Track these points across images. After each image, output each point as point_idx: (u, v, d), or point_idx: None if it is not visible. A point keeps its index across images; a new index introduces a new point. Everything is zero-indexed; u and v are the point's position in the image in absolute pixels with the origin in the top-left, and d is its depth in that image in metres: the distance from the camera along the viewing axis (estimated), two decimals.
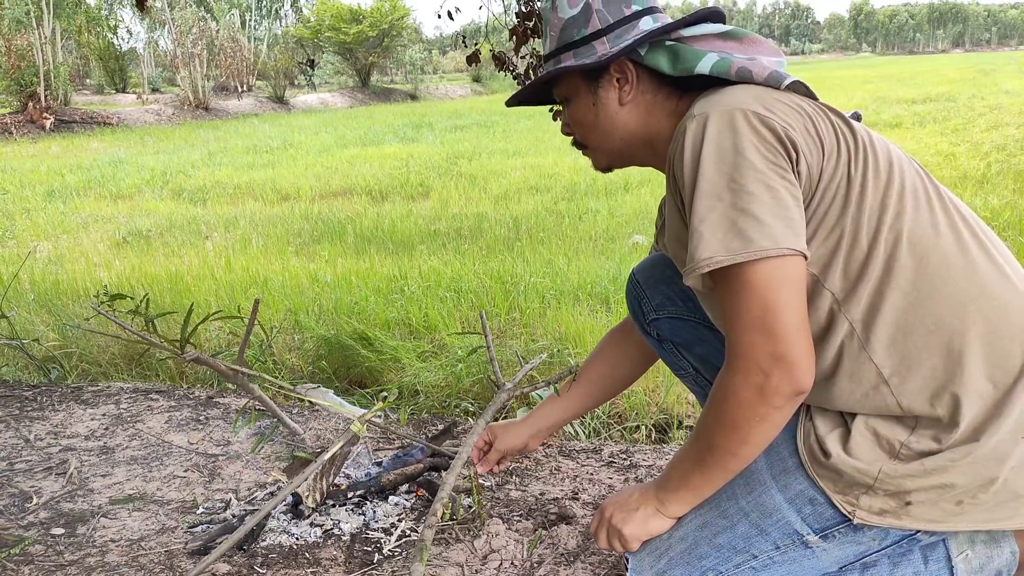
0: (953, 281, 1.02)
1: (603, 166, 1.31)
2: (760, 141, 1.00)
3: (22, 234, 6.14)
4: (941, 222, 1.05)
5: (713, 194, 0.99)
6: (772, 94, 1.07)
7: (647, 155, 1.25)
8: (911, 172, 1.09)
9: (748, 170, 0.99)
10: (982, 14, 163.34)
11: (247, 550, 1.70)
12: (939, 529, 1.01)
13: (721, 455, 1.06)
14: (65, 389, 2.80)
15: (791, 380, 0.97)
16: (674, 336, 1.49)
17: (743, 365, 0.98)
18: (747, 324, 0.98)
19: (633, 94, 1.19)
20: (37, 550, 1.74)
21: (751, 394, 0.98)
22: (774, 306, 0.96)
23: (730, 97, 1.05)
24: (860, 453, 1.02)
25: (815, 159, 1.03)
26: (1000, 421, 0.98)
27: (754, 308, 0.97)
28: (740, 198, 0.98)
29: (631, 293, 1.54)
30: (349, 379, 2.91)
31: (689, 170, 1.03)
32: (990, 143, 8.19)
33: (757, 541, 1.10)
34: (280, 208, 7.20)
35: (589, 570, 1.60)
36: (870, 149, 1.06)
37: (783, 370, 0.96)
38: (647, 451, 2.18)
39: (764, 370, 0.97)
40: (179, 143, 13.86)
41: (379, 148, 11.68)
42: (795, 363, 0.96)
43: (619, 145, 1.24)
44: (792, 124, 1.02)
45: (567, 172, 8.15)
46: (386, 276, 3.98)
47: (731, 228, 0.98)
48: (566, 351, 2.84)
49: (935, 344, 1.01)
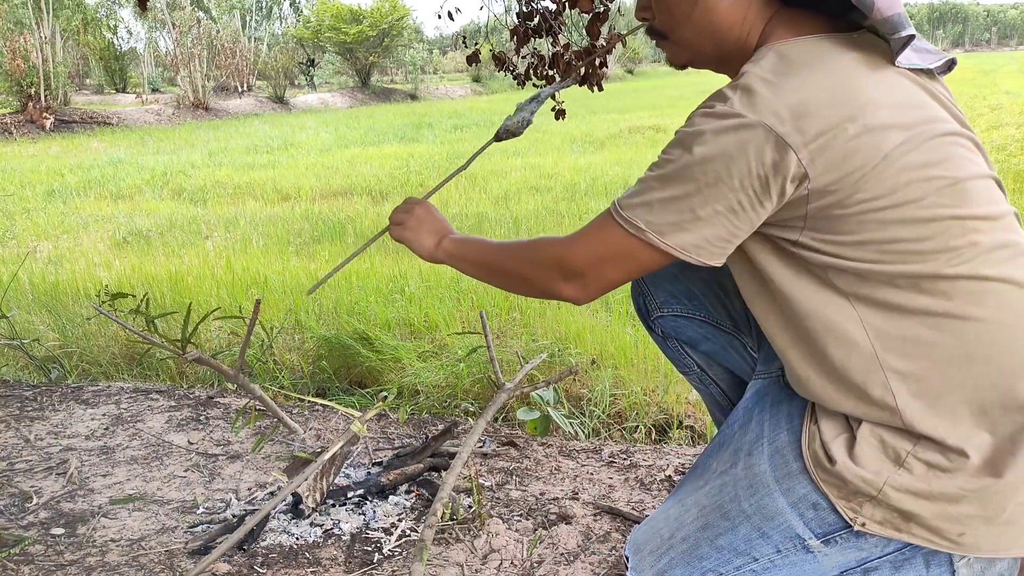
0: (983, 308, 0.98)
1: (683, 62, 1.19)
2: (765, 176, 0.95)
3: (22, 234, 6.14)
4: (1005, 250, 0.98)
5: (689, 178, 0.97)
6: (847, 85, 0.95)
7: (728, 65, 1.15)
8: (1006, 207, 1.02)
9: (728, 192, 0.96)
10: (982, 14, 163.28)
11: (247, 550, 1.70)
12: (939, 549, 1.00)
13: (496, 273, 1.28)
14: (65, 389, 2.80)
15: (566, 294, 1.15)
16: (678, 334, 1.48)
17: (570, 257, 1.13)
18: (593, 247, 1.10)
19: None
20: (37, 550, 1.74)
21: (547, 272, 1.15)
22: (612, 262, 1.08)
23: (782, 94, 0.94)
24: (865, 461, 1.01)
25: (871, 183, 0.94)
26: (1017, 456, 0.96)
27: (602, 250, 1.08)
28: (703, 205, 0.98)
29: (636, 290, 1.52)
30: (349, 379, 2.91)
31: (684, 138, 0.98)
32: (990, 143, 8.18)
33: (759, 544, 1.09)
34: (280, 208, 7.19)
35: (589, 570, 1.59)
36: (946, 186, 0.97)
37: (576, 290, 1.14)
38: (647, 451, 2.18)
39: (566, 276, 1.13)
40: (179, 143, 13.84)
41: (379, 148, 11.68)
42: (587, 294, 1.14)
43: (708, 43, 1.12)
44: (814, 155, 0.93)
45: (567, 172, 8.15)
46: (386, 276, 3.98)
47: (672, 212, 1.00)
48: (566, 351, 2.84)
49: (950, 365, 0.98)
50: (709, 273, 1.42)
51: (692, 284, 1.44)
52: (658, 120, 13.17)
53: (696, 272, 1.44)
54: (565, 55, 3.43)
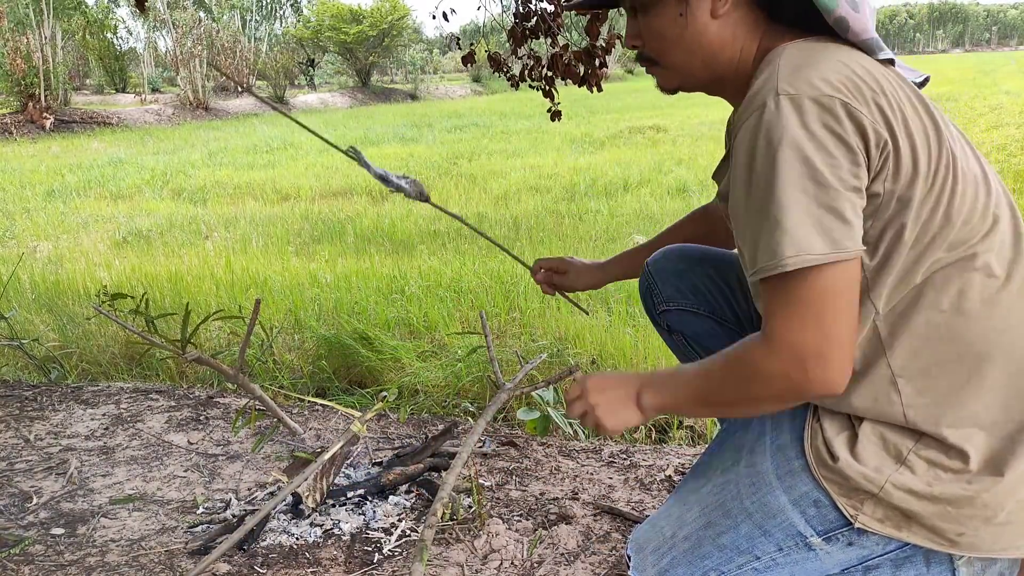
0: (995, 307, 0.98)
1: (673, 86, 1.20)
2: (846, 134, 0.94)
3: (22, 234, 6.14)
4: (1007, 250, 0.99)
5: (797, 185, 0.93)
6: (861, 73, 0.97)
7: (720, 85, 1.16)
8: (983, 192, 1.02)
9: (833, 164, 0.93)
10: (982, 14, 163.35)
11: (247, 550, 1.70)
12: (938, 550, 1.01)
13: (722, 407, 1.07)
14: (65, 389, 2.80)
15: (825, 383, 0.94)
16: (684, 328, 1.50)
17: (786, 353, 0.95)
18: (803, 314, 0.93)
19: (728, 7, 1.08)
20: (37, 550, 1.74)
21: (781, 382, 0.96)
22: (835, 308, 0.93)
23: (817, 76, 0.95)
24: (867, 458, 1.01)
25: (905, 165, 0.96)
26: (1018, 456, 0.97)
27: (815, 303, 0.93)
28: (826, 193, 0.93)
29: (643, 284, 1.55)
30: (349, 379, 2.91)
31: (764, 153, 0.95)
32: (990, 143, 8.18)
33: (760, 542, 1.09)
34: (280, 208, 7.20)
35: (589, 570, 1.59)
36: (950, 162, 0.99)
37: (822, 372, 0.93)
38: (647, 451, 2.18)
39: (804, 365, 0.94)
40: (179, 143, 13.85)
41: (379, 148, 11.68)
42: (836, 369, 0.94)
43: (699, 66, 1.13)
44: (877, 119, 0.95)
45: (567, 172, 8.15)
46: (386, 276, 3.98)
47: (817, 225, 0.92)
48: (566, 351, 2.84)
49: (957, 364, 0.99)
50: (715, 270, 1.45)
51: (698, 280, 1.46)
52: (658, 120, 13.17)
53: (702, 269, 1.47)
54: (564, 56, 3.44)
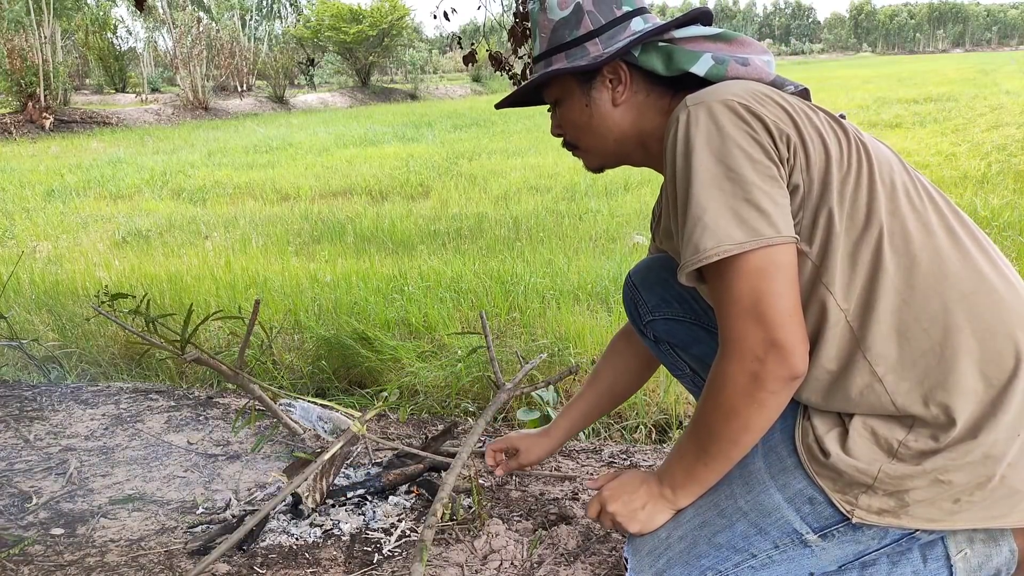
0: (947, 278, 1.02)
1: (595, 166, 1.32)
2: (753, 131, 1.02)
3: (21, 234, 6.14)
4: (933, 220, 1.06)
5: (713, 183, 1.00)
6: (763, 88, 1.09)
7: (640, 155, 1.26)
8: (900, 171, 1.10)
9: (744, 159, 1.00)
10: (982, 14, 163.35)
11: (247, 550, 1.70)
12: (937, 528, 1.01)
13: (723, 444, 1.07)
14: (65, 389, 2.80)
15: (786, 365, 0.98)
16: (670, 337, 1.50)
17: (738, 353, 1.00)
18: (740, 311, 0.99)
19: (627, 95, 1.21)
20: (37, 550, 1.74)
21: (747, 381, 0.99)
22: (768, 293, 0.98)
23: (723, 89, 1.07)
24: (859, 452, 1.02)
25: (815, 153, 1.04)
26: (997, 419, 0.98)
27: (747, 296, 0.99)
28: (740, 187, 0.99)
29: (627, 296, 1.55)
30: (349, 379, 2.91)
31: (682, 160, 1.04)
32: (990, 143, 8.18)
33: (756, 540, 1.10)
34: (280, 208, 7.19)
35: (589, 570, 1.60)
36: (861, 148, 1.08)
37: (777, 356, 0.98)
38: (647, 451, 2.18)
39: (759, 357, 0.98)
40: (179, 143, 13.85)
41: (379, 148, 11.68)
42: (789, 349, 0.98)
43: (612, 146, 1.25)
44: (781, 117, 1.04)
45: (567, 172, 8.14)
46: (386, 276, 3.98)
47: (735, 217, 0.99)
48: (566, 351, 2.84)
49: (928, 342, 1.01)
50: None
51: (683, 288, 1.46)
52: None
53: None
54: None
